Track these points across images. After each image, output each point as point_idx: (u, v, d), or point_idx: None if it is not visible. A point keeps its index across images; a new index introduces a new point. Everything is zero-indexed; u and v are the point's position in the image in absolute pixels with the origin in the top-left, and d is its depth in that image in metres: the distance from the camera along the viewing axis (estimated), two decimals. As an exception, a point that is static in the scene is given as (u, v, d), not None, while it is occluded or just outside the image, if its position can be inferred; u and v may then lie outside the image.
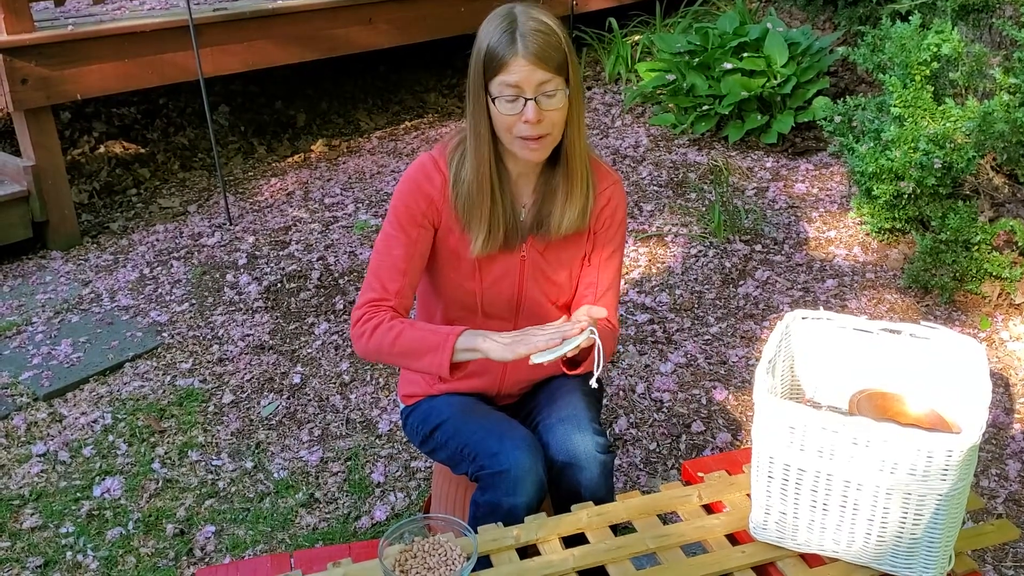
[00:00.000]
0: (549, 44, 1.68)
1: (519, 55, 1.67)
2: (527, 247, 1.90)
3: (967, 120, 3.21)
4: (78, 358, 3.30)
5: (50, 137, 4.05)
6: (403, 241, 1.85)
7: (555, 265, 1.93)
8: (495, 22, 1.72)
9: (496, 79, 1.70)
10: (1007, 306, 3.30)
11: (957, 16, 3.75)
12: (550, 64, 1.68)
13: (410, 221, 1.85)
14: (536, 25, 1.69)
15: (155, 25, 4.15)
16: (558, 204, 1.85)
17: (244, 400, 3.11)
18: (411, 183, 1.86)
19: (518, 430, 1.86)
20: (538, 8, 1.74)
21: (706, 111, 4.78)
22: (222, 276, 3.80)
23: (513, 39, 1.67)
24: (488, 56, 1.70)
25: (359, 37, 4.89)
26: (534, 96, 1.69)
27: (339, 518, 2.61)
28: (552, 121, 1.73)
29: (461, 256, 1.88)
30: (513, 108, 1.70)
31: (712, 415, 2.94)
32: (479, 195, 1.80)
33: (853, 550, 1.59)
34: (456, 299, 1.94)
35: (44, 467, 2.83)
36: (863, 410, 1.75)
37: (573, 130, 1.79)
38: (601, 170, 1.92)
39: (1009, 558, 2.40)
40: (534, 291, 1.93)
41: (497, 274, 1.90)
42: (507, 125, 1.73)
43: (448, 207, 1.84)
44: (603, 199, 1.91)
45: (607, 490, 1.87)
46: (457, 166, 1.83)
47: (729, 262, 3.70)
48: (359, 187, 4.56)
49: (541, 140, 1.74)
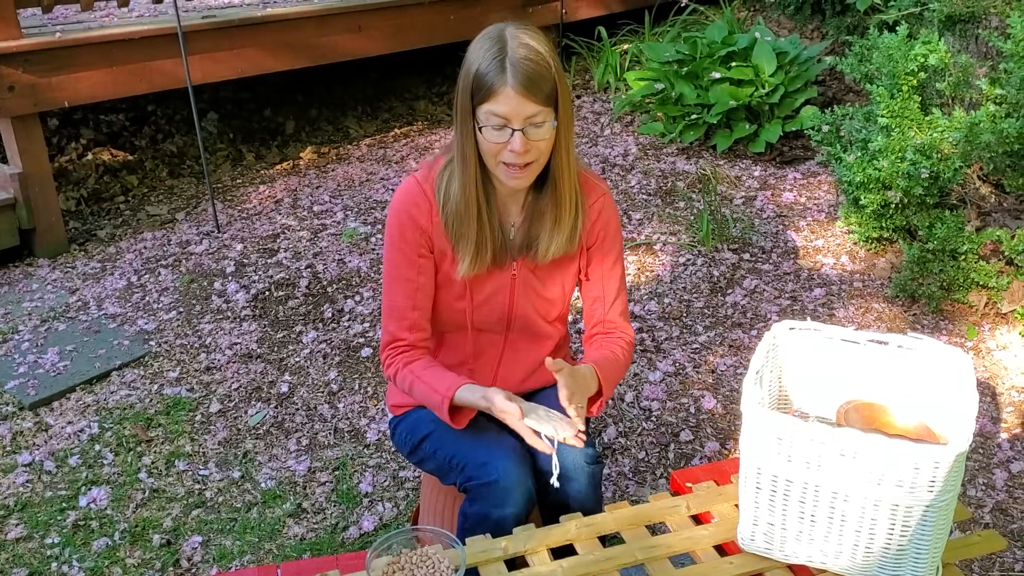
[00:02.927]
0: (539, 75, 1.64)
1: (508, 86, 1.63)
2: (517, 266, 1.89)
3: (954, 130, 3.22)
4: (65, 367, 3.28)
5: (37, 144, 4.03)
6: (405, 275, 1.85)
7: (546, 282, 1.93)
8: (485, 45, 1.68)
9: (484, 106, 1.67)
10: (994, 315, 3.32)
11: (944, 27, 3.77)
12: (539, 96, 1.65)
13: (409, 253, 1.84)
14: (526, 52, 1.64)
15: (144, 32, 4.14)
16: (546, 229, 1.84)
17: (232, 409, 3.10)
18: (401, 214, 1.84)
19: (507, 441, 1.85)
20: (529, 30, 1.70)
21: (694, 120, 4.80)
22: (210, 284, 3.78)
23: (503, 67, 1.63)
24: (476, 82, 1.67)
25: (348, 45, 4.88)
26: (522, 127, 1.66)
27: (327, 528, 2.60)
28: (539, 150, 1.71)
29: (452, 278, 1.87)
30: (500, 136, 1.68)
31: (701, 424, 2.94)
32: (466, 216, 1.79)
33: (841, 561, 1.59)
34: (447, 318, 1.94)
35: (29, 477, 2.81)
36: (851, 421, 1.75)
37: (561, 155, 1.77)
38: (589, 183, 1.90)
39: (996, 568, 2.40)
40: (525, 307, 1.93)
41: (488, 292, 1.90)
42: (493, 152, 1.71)
43: (437, 232, 1.83)
44: (593, 213, 1.90)
45: (595, 500, 1.87)
46: (445, 188, 1.81)
47: (717, 271, 3.71)
48: (348, 195, 4.56)
49: (527, 168, 1.72)
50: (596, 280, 1.95)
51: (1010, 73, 3.12)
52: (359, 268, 3.81)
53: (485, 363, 1.99)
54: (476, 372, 1.98)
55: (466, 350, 1.97)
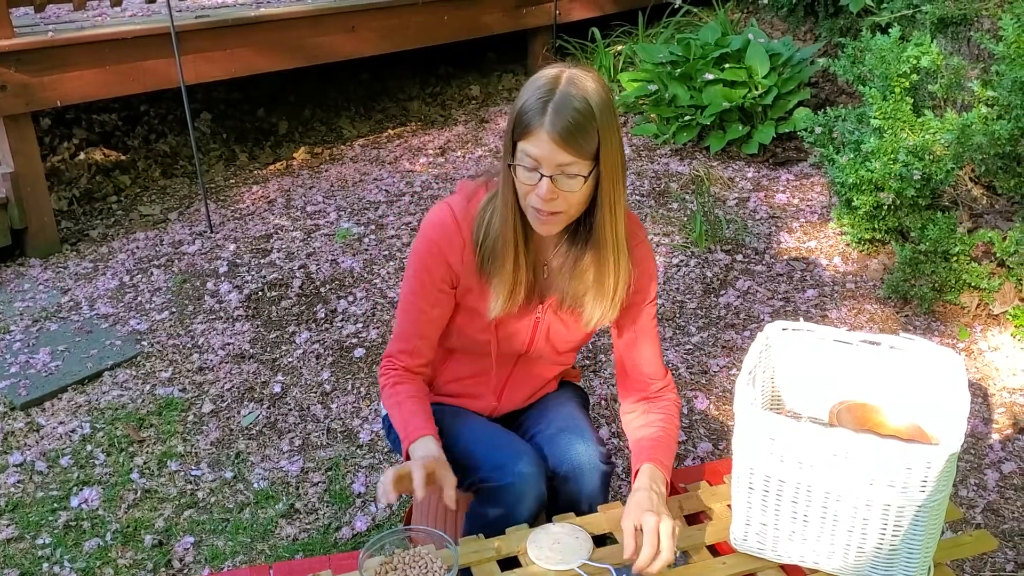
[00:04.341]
0: (579, 127, 1.56)
1: (543, 129, 1.56)
2: (543, 308, 1.84)
3: (946, 132, 3.23)
4: (56, 367, 3.27)
5: (29, 144, 4.02)
6: (421, 306, 1.83)
7: (570, 327, 1.88)
8: (539, 82, 1.61)
9: (520, 144, 1.61)
10: (985, 316, 3.33)
11: (936, 29, 3.78)
12: (575, 147, 1.56)
13: (429, 285, 1.81)
14: (575, 103, 1.56)
15: (136, 32, 4.13)
16: (590, 296, 1.77)
17: (224, 409, 3.09)
18: (432, 246, 1.79)
19: (520, 443, 1.84)
20: (590, 77, 1.60)
21: (688, 121, 4.81)
22: (203, 284, 3.78)
23: (544, 110, 1.56)
24: (519, 117, 1.60)
25: (342, 45, 4.88)
26: (551, 174, 1.59)
27: (319, 529, 2.60)
28: (568, 201, 1.63)
29: (479, 313, 1.83)
30: (530, 179, 1.61)
31: (694, 424, 2.95)
32: (504, 256, 1.73)
33: (833, 561, 1.60)
34: (469, 348, 1.92)
35: (21, 477, 2.80)
36: (843, 421, 1.76)
37: (603, 213, 1.67)
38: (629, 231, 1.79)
39: (987, 568, 2.41)
40: (544, 345, 1.90)
41: (511, 330, 1.86)
42: (523, 192, 1.65)
43: (467, 271, 1.79)
44: (635, 269, 1.80)
45: (604, 501, 1.86)
46: (487, 224, 1.74)
47: (710, 272, 3.71)
48: (341, 195, 4.55)
49: (554, 216, 1.65)
50: (632, 334, 1.87)
51: (1002, 75, 3.13)
52: (352, 268, 3.81)
53: (494, 381, 1.97)
54: (485, 387, 1.97)
55: (478, 369, 1.96)
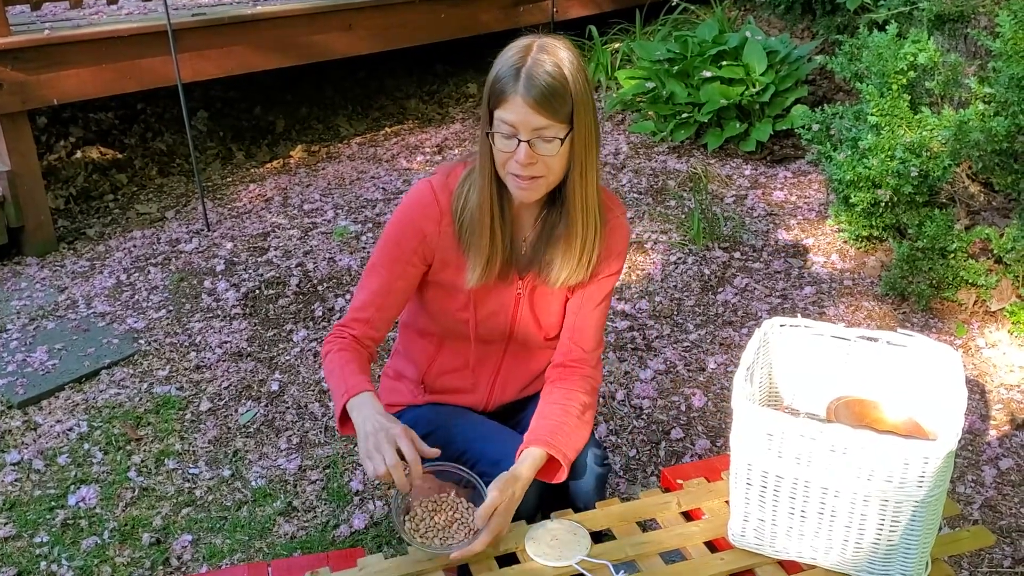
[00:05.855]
0: (553, 91, 1.59)
1: (518, 94, 1.59)
2: (523, 284, 1.85)
3: (943, 129, 3.24)
4: (53, 365, 3.27)
5: (26, 142, 4.01)
6: (385, 277, 1.83)
7: (551, 302, 1.88)
8: (510, 52, 1.64)
9: (496, 112, 1.64)
10: (983, 313, 3.33)
11: (933, 26, 3.78)
12: (549, 109, 1.60)
13: (398, 257, 1.81)
14: (545, 65, 1.60)
15: (133, 30, 4.12)
16: (559, 254, 1.78)
17: (222, 408, 3.09)
18: (407, 217, 1.81)
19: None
20: (559, 44, 1.64)
21: (685, 119, 4.81)
22: (200, 282, 3.77)
23: (517, 76, 1.60)
24: (493, 86, 1.64)
25: (339, 43, 4.88)
26: (528, 139, 1.62)
27: (317, 527, 2.59)
28: (548, 165, 1.66)
29: (457, 288, 1.84)
30: (507, 145, 1.64)
31: (691, 422, 2.95)
32: (480, 225, 1.75)
33: (831, 557, 1.60)
34: (450, 328, 1.92)
35: (18, 476, 2.80)
36: (840, 417, 1.76)
37: (575, 176, 1.70)
38: (604, 207, 1.82)
39: (985, 564, 2.41)
40: (528, 324, 1.90)
41: (491, 308, 1.87)
42: (501, 161, 1.67)
43: (444, 242, 1.80)
44: (608, 239, 1.83)
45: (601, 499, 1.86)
46: (465, 196, 1.77)
47: (708, 269, 3.71)
48: (338, 193, 4.55)
49: (533, 181, 1.67)
50: (578, 300, 1.88)
51: (999, 72, 3.14)
52: (349, 266, 3.80)
53: (485, 371, 1.97)
54: (476, 378, 1.97)
55: (467, 357, 1.96)
